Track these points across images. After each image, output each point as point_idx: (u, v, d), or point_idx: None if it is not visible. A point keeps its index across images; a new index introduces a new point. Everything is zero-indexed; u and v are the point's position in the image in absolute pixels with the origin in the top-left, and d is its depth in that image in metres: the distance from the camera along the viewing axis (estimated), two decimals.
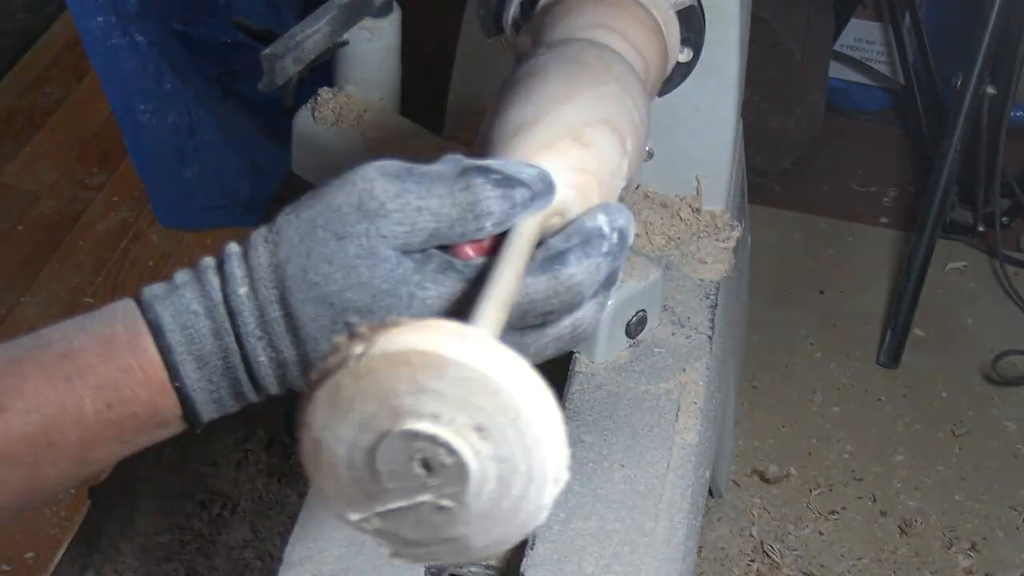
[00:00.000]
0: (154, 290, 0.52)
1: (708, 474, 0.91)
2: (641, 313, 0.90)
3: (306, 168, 1.07)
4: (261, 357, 0.52)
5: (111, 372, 0.51)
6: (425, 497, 0.41)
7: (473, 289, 0.50)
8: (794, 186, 2.02)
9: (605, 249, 0.52)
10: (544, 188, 0.52)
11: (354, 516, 0.43)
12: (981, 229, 1.89)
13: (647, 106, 0.63)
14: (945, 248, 1.85)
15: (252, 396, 0.55)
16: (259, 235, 0.53)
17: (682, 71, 0.80)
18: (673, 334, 0.93)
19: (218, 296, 0.52)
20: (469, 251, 0.53)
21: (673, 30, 0.76)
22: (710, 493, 1.40)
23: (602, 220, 0.53)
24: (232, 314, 0.51)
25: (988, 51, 1.68)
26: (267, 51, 0.89)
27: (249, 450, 1.64)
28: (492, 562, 0.83)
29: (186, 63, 1.93)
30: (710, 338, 0.93)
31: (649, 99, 0.71)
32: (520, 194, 0.51)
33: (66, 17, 2.50)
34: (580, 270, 0.51)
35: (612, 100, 0.59)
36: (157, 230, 2.09)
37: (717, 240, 0.99)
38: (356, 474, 0.42)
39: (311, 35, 0.92)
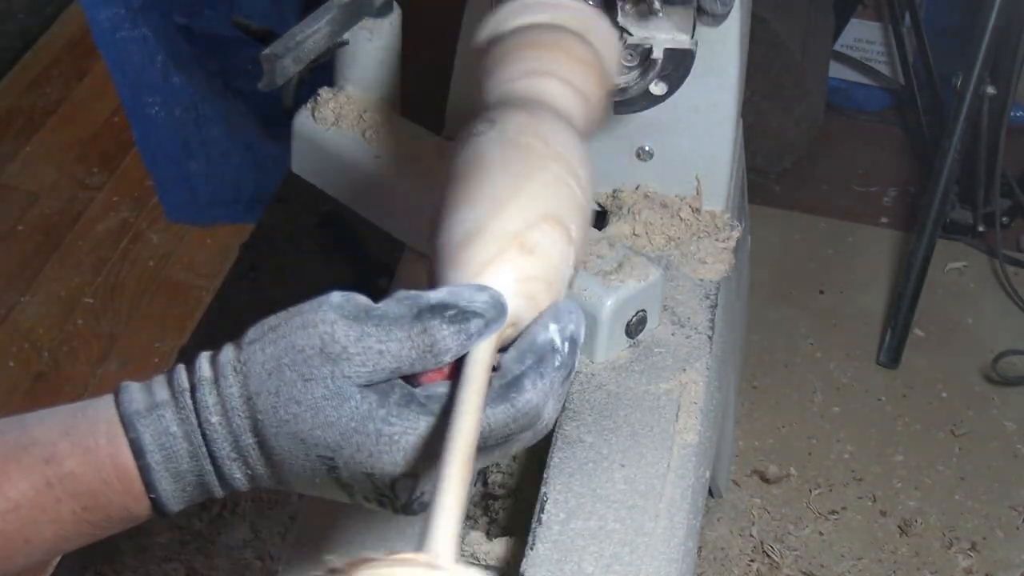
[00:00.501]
0: (135, 403, 0.55)
1: (708, 474, 0.91)
2: (641, 313, 0.90)
3: (306, 168, 1.07)
4: (237, 474, 0.56)
5: (91, 482, 0.54)
6: None
7: (438, 422, 0.53)
8: (794, 186, 2.02)
9: (558, 363, 0.55)
10: (496, 314, 0.55)
11: None
12: (981, 229, 1.89)
13: (587, 157, 0.63)
14: (945, 248, 1.85)
15: (219, 496, 0.58)
16: (228, 362, 0.55)
17: (644, 98, 0.81)
18: (673, 334, 0.93)
19: (194, 420, 0.55)
20: (431, 376, 0.55)
21: (611, 49, 0.74)
22: (710, 493, 1.40)
23: (553, 331, 0.56)
24: (207, 440, 0.55)
25: (988, 51, 1.68)
26: (267, 51, 0.89)
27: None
28: (492, 562, 0.83)
29: (189, 57, 1.93)
30: (710, 338, 0.92)
31: (591, 133, 0.70)
32: (475, 325, 0.54)
33: (66, 17, 2.51)
34: (537, 394, 0.54)
35: (554, 188, 0.60)
36: (157, 230, 2.09)
37: (717, 240, 0.99)
38: None
39: (311, 35, 0.92)
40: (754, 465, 1.62)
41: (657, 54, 0.82)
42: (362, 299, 0.55)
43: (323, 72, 1.04)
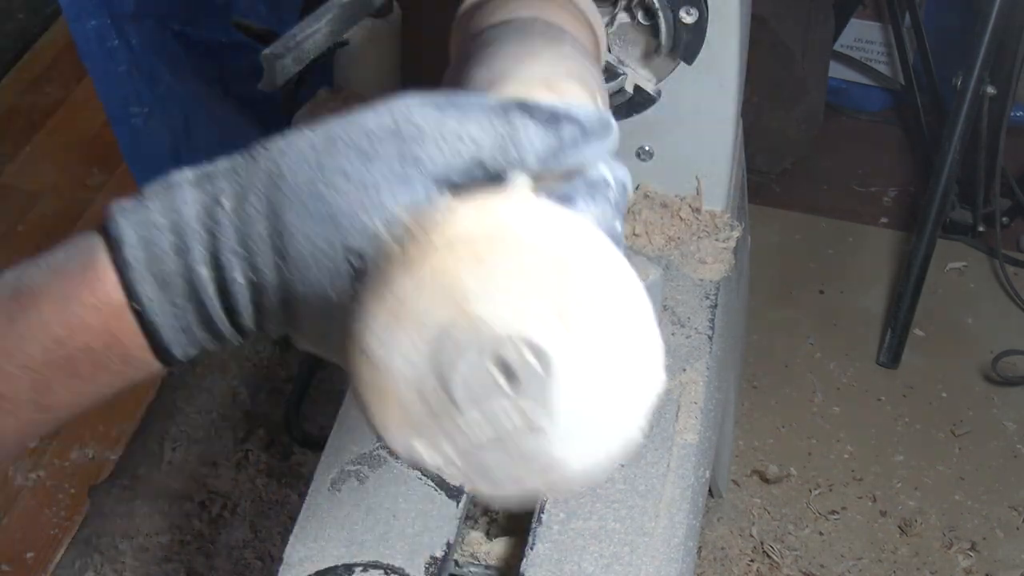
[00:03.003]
0: (122, 202, 0.46)
1: (708, 474, 0.91)
2: None
3: None
4: (238, 277, 0.45)
5: (61, 302, 0.44)
6: (507, 409, 0.37)
7: None
8: (794, 186, 2.02)
9: (610, 197, 0.47)
10: (599, 128, 0.47)
11: (422, 446, 0.38)
12: (981, 229, 1.89)
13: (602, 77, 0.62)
14: (945, 248, 1.85)
15: (225, 328, 0.47)
16: (262, 146, 0.46)
17: (690, 32, 0.78)
18: (673, 334, 0.93)
19: (190, 210, 0.45)
20: None
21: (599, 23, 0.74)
22: (710, 493, 1.40)
23: (604, 169, 0.48)
24: (210, 229, 0.45)
25: (988, 51, 1.68)
26: (267, 51, 0.89)
27: (249, 450, 1.64)
28: (492, 562, 0.83)
29: (184, 64, 1.93)
30: (710, 338, 0.92)
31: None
32: (568, 132, 0.46)
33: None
34: (588, 216, 0.46)
35: (574, 59, 0.58)
36: None
37: (717, 240, 0.99)
38: (426, 394, 0.37)
39: (311, 35, 0.92)
40: (754, 465, 1.62)
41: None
42: (444, 94, 0.47)
43: (323, 72, 1.04)
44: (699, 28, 0.78)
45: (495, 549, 0.84)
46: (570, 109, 0.46)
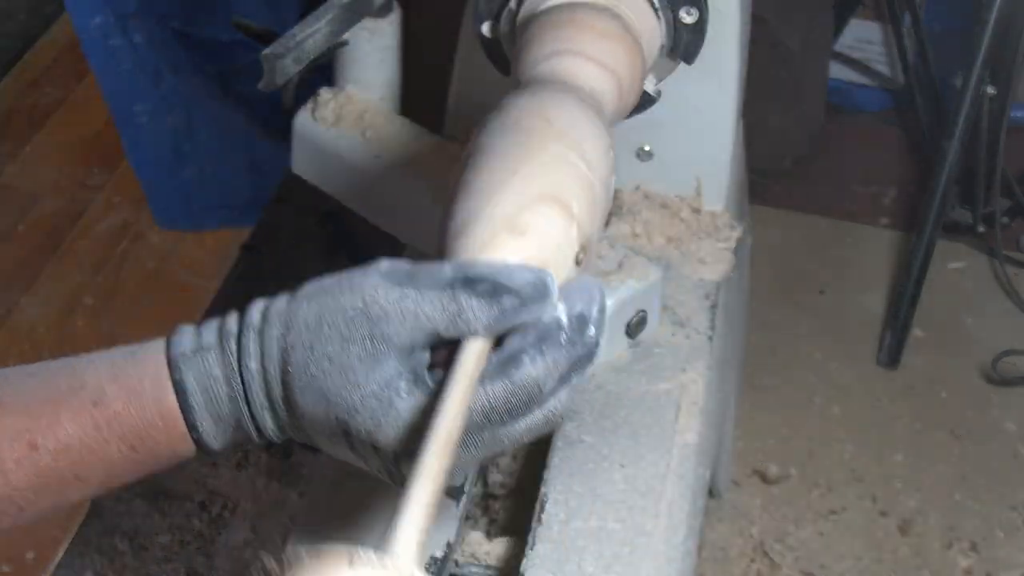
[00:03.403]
0: (183, 345, 0.57)
1: (708, 474, 0.91)
2: (641, 313, 0.90)
3: (306, 169, 1.07)
4: (268, 423, 0.58)
5: (137, 423, 0.56)
6: None
7: (429, 403, 0.54)
8: (794, 186, 2.02)
9: (563, 340, 0.54)
10: (536, 294, 0.54)
11: None
12: (981, 229, 1.89)
13: (600, 131, 0.63)
14: (945, 248, 1.85)
15: (257, 440, 0.59)
16: (277, 312, 0.56)
17: (690, 32, 0.79)
18: (673, 334, 0.93)
19: (234, 365, 0.56)
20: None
21: (647, 23, 0.74)
22: (710, 493, 1.40)
23: (560, 310, 0.55)
24: (244, 384, 0.56)
25: (988, 51, 1.68)
26: (267, 51, 0.89)
27: (249, 450, 1.64)
28: (492, 562, 0.83)
29: (185, 63, 1.93)
30: (710, 338, 0.92)
31: (627, 107, 0.70)
32: (508, 302, 0.53)
33: (66, 17, 2.50)
34: (536, 370, 0.53)
35: (552, 166, 0.59)
36: (157, 230, 2.09)
37: (717, 240, 0.99)
38: None
39: (311, 35, 0.92)
40: (754, 465, 1.62)
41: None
42: (407, 265, 0.56)
43: (323, 72, 1.04)
44: (699, 28, 0.78)
45: (495, 549, 0.84)
46: (510, 278, 0.54)
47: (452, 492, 0.83)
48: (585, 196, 0.59)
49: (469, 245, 0.56)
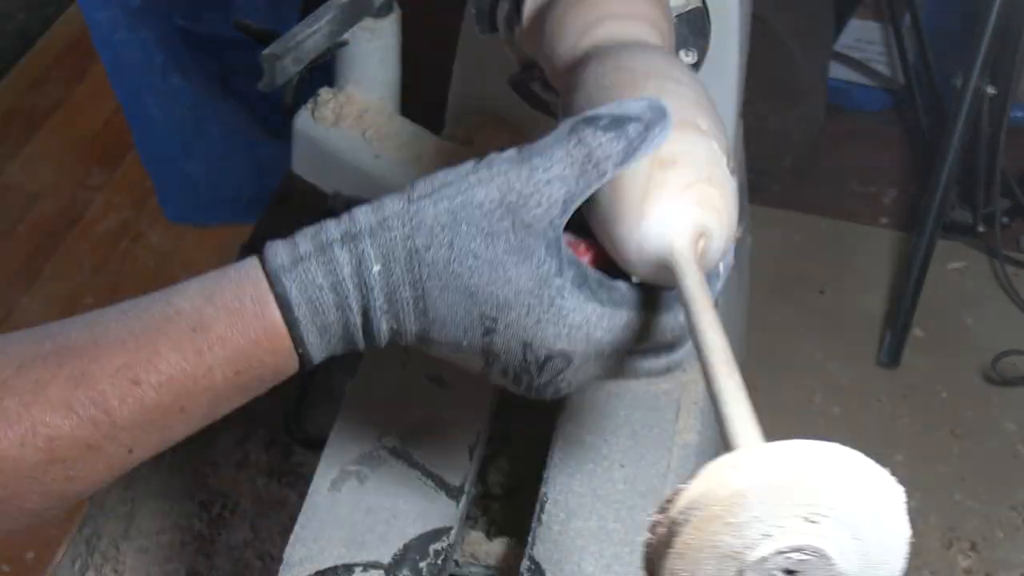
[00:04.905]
0: (280, 258, 0.54)
1: None
2: None
3: (306, 168, 1.07)
4: (383, 328, 0.55)
5: (241, 344, 0.54)
6: None
7: (639, 314, 0.55)
8: (794, 186, 2.02)
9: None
10: (656, 115, 0.52)
11: None
12: (981, 229, 1.89)
13: (681, 64, 0.62)
14: (945, 248, 1.85)
15: (362, 347, 0.57)
16: (395, 213, 0.53)
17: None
18: None
19: (344, 271, 0.54)
20: (581, 251, 0.56)
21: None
22: None
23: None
24: (361, 289, 0.54)
25: (988, 51, 1.68)
26: (267, 51, 0.89)
27: (249, 450, 1.64)
28: (492, 562, 0.83)
29: (188, 59, 1.93)
30: None
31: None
32: (633, 129, 0.51)
33: (66, 17, 2.51)
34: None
35: (658, 96, 0.57)
36: (157, 230, 2.09)
37: None
38: None
39: (311, 35, 0.92)
40: None
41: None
42: (527, 145, 0.54)
43: (323, 72, 1.04)
44: (695, 65, 0.78)
45: (495, 549, 0.84)
46: (626, 109, 0.52)
47: (452, 492, 0.83)
48: (704, 111, 0.57)
49: (624, 199, 0.54)
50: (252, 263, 0.55)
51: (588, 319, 0.54)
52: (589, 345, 0.55)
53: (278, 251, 0.55)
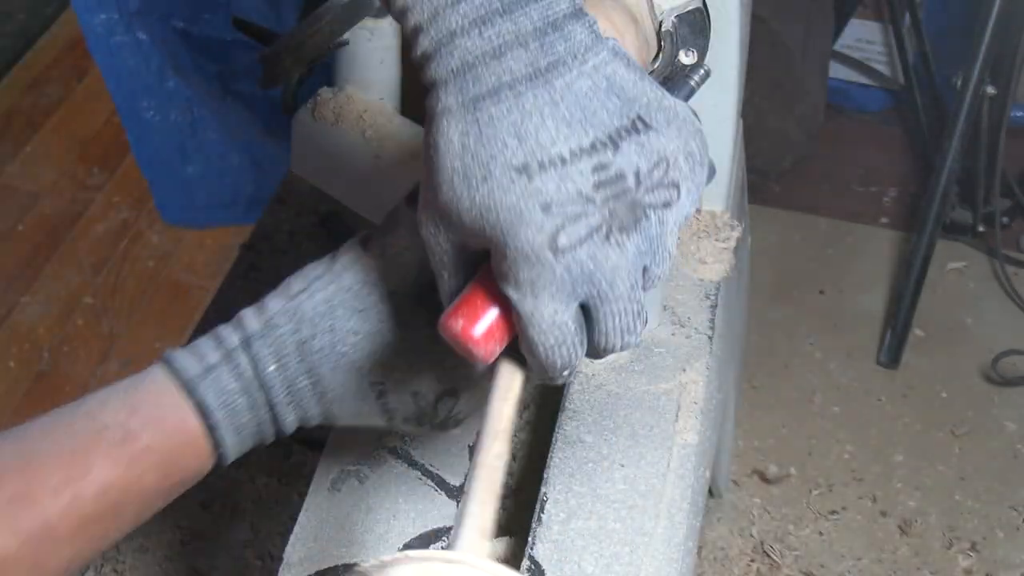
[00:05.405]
0: (191, 368, 0.59)
1: (708, 474, 0.91)
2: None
3: (306, 168, 1.07)
4: (289, 418, 0.61)
5: (167, 448, 0.58)
6: None
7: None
8: (794, 186, 2.02)
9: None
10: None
11: None
12: (981, 229, 1.89)
13: None
14: (945, 248, 1.85)
15: (269, 443, 0.63)
16: (277, 312, 0.59)
17: (697, 76, 0.78)
18: (673, 334, 0.92)
19: (248, 374, 0.59)
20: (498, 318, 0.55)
21: (647, 17, 0.74)
22: (710, 493, 1.40)
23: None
24: (264, 387, 0.59)
25: (988, 51, 1.68)
26: (267, 51, 0.89)
27: (249, 450, 1.64)
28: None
29: (187, 61, 1.93)
30: (710, 338, 0.92)
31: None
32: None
33: (66, 17, 2.51)
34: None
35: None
36: (157, 230, 2.09)
37: (717, 240, 0.99)
38: None
39: (311, 35, 0.92)
40: (754, 465, 1.62)
41: (668, 26, 0.81)
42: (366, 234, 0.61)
43: (323, 72, 1.04)
44: (700, 25, 0.78)
45: (495, 549, 0.84)
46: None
47: (452, 492, 0.83)
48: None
49: None
50: (162, 374, 0.59)
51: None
52: (470, 379, 0.61)
53: (186, 362, 0.59)
